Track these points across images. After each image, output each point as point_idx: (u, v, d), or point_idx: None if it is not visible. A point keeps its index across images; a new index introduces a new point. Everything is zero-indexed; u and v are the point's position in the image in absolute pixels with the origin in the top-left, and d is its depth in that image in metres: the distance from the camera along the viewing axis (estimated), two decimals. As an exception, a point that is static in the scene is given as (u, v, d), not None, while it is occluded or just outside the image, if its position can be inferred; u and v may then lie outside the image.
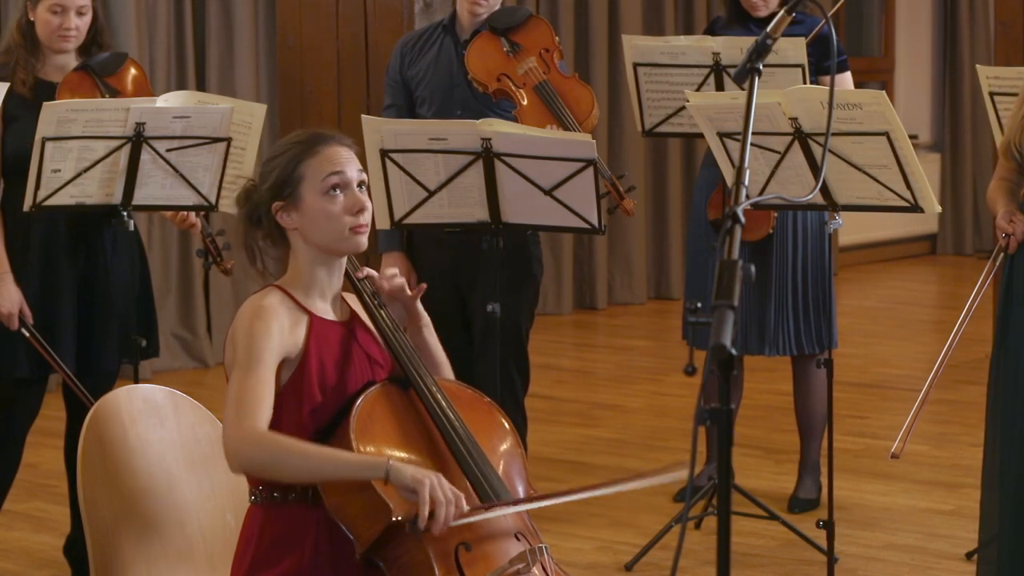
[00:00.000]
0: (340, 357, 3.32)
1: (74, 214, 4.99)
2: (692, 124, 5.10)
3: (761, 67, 3.00)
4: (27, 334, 4.94)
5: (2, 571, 5.37)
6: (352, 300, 3.44)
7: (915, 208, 4.63)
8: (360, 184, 3.34)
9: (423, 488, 3.10)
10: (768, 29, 3.07)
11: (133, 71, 5.20)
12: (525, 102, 5.26)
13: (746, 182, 2.80)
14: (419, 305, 3.47)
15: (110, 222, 4.96)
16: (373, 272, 3.45)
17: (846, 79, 5.72)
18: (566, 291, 9.88)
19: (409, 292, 3.45)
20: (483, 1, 5.38)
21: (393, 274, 3.44)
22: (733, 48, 5.37)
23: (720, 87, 5.39)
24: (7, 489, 5.18)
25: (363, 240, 3.32)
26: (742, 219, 2.68)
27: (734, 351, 2.50)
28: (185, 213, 5.13)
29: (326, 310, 3.35)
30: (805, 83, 5.24)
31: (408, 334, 3.44)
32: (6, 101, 4.87)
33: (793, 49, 5.28)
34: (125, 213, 4.91)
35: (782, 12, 3.14)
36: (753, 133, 3.91)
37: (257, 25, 8.60)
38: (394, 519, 3.13)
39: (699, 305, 2.60)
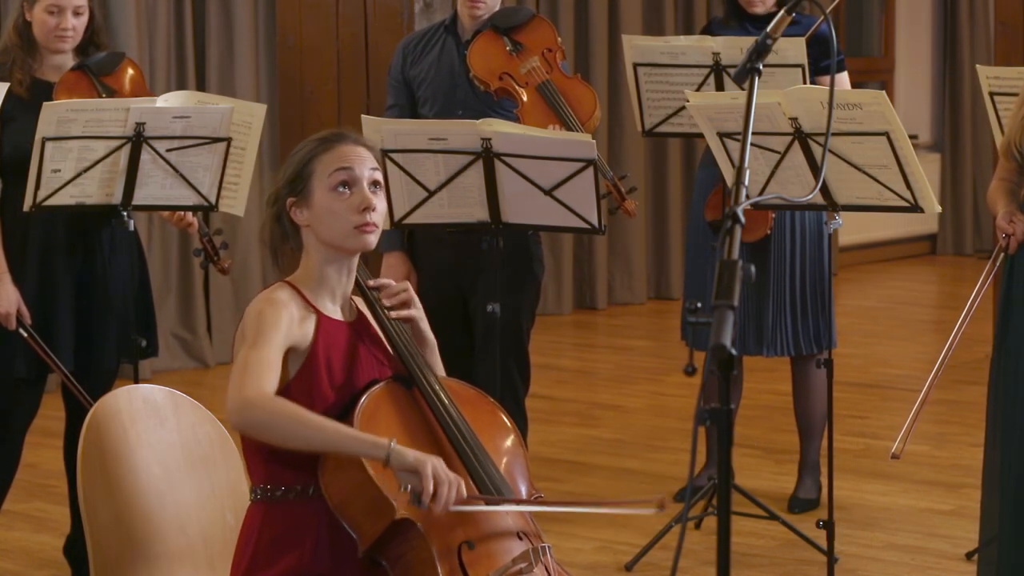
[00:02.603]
0: (347, 356, 3.32)
1: (73, 214, 4.99)
2: (692, 124, 5.09)
3: (761, 67, 3.00)
4: (24, 334, 4.94)
5: (2, 571, 5.37)
6: (360, 301, 3.44)
7: (915, 208, 4.63)
8: (374, 183, 3.35)
9: (426, 467, 3.11)
10: (768, 29, 3.07)
11: (130, 71, 5.20)
12: (527, 101, 5.26)
13: (746, 182, 2.80)
14: (426, 327, 3.46)
15: (110, 222, 4.96)
16: (386, 281, 3.44)
17: (843, 79, 5.71)
18: (566, 291, 9.87)
19: (411, 310, 3.44)
20: (481, 2, 5.38)
21: (404, 288, 3.44)
22: (733, 48, 5.37)
23: (720, 87, 5.39)
24: (7, 489, 5.18)
25: (370, 239, 3.31)
26: (742, 219, 2.67)
27: (734, 351, 2.49)
28: (182, 212, 5.13)
29: (335, 310, 3.35)
30: (805, 83, 5.24)
31: None
32: (4, 101, 4.86)
33: (793, 49, 5.28)
34: (125, 213, 4.91)
35: (782, 12, 3.14)
36: (753, 133, 3.90)
37: (257, 25, 8.59)
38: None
39: (699, 305, 2.60)
